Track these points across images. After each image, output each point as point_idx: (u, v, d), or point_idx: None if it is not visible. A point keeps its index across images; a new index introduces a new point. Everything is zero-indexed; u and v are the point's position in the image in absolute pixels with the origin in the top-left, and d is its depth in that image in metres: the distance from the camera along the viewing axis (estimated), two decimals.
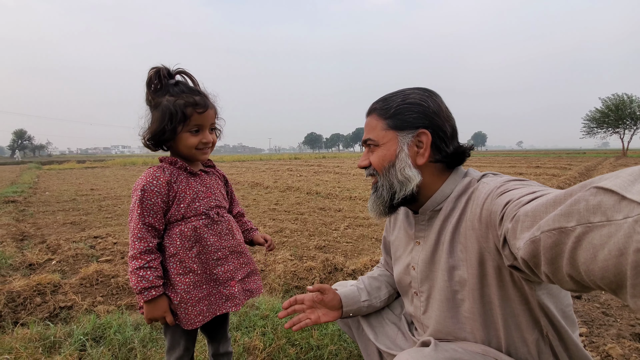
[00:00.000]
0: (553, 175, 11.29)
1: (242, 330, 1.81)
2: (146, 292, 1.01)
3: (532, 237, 0.53)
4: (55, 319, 2.12)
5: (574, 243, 0.46)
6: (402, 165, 0.89)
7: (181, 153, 1.10)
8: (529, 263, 0.56)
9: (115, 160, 32.17)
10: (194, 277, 1.08)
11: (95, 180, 12.27)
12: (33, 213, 5.81)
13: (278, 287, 2.52)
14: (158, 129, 1.04)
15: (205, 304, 1.10)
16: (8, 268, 2.97)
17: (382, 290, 1.19)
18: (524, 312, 0.80)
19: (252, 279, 1.23)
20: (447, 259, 0.87)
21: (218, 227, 1.14)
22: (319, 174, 12.85)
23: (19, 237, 4.18)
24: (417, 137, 0.88)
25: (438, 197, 0.91)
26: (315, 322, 1.10)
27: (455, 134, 0.92)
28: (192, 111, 1.04)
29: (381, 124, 0.92)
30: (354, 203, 6.33)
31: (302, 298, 1.12)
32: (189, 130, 1.06)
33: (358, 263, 2.87)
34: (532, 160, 22.83)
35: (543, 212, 0.53)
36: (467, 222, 0.82)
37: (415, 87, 0.94)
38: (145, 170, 1.08)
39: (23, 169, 20.16)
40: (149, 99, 1.07)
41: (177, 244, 1.07)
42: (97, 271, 2.70)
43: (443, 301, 0.89)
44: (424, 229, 0.95)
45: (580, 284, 0.49)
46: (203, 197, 1.12)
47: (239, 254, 1.19)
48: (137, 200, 1.02)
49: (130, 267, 1.01)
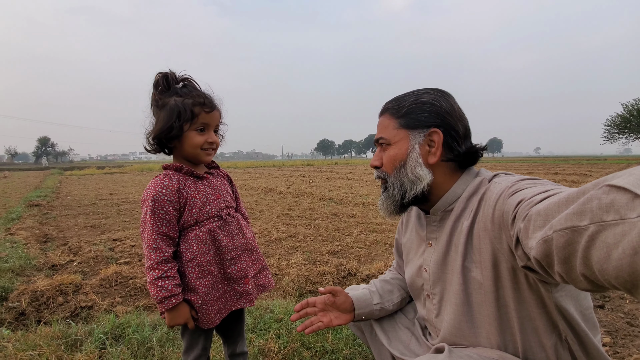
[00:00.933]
0: (573, 182, 10.96)
1: (257, 333, 1.83)
2: (166, 301, 1.01)
3: (545, 237, 0.52)
4: (77, 318, 2.19)
5: (587, 242, 0.45)
6: (414, 164, 0.89)
7: (186, 154, 1.10)
8: (542, 263, 0.55)
9: (132, 166, 33.04)
10: (212, 279, 1.10)
11: (114, 185, 12.64)
12: (56, 216, 6.03)
13: (292, 291, 2.53)
14: (165, 127, 1.04)
15: (222, 302, 1.12)
16: (32, 269, 3.08)
17: (394, 293, 1.17)
18: (541, 316, 0.78)
19: (264, 274, 1.25)
20: (461, 261, 0.85)
21: (229, 227, 1.15)
22: (332, 180, 12.86)
23: (42, 239, 4.34)
24: (429, 136, 0.88)
25: (449, 197, 0.90)
26: (328, 326, 1.09)
27: (468, 133, 0.92)
28: (200, 110, 1.06)
29: (393, 123, 0.92)
30: (366, 209, 6.30)
31: (314, 301, 1.12)
32: (196, 129, 1.07)
33: (372, 268, 2.86)
34: (551, 167, 22.21)
35: (555, 211, 0.53)
36: (480, 223, 0.80)
37: (428, 88, 0.94)
38: (152, 180, 1.08)
39: (46, 174, 20.95)
40: (156, 99, 1.08)
41: (194, 248, 1.08)
42: (116, 272, 2.78)
43: (458, 305, 0.87)
44: (436, 230, 0.94)
45: (595, 283, 0.48)
46: (213, 199, 1.13)
47: (250, 251, 1.20)
48: (148, 211, 1.02)
49: (148, 278, 1.02)
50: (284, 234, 4.36)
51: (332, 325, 1.10)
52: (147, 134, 1.08)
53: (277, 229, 4.67)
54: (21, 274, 2.89)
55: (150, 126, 1.09)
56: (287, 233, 4.40)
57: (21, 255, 3.29)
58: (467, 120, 0.93)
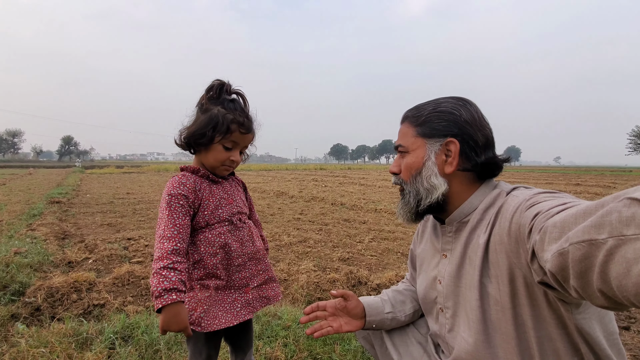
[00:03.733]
0: (595, 194, 10.55)
1: (264, 340, 1.81)
2: (165, 294, 0.90)
3: (560, 249, 0.51)
4: (89, 315, 2.22)
5: (605, 256, 0.44)
6: (429, 173, 0.88)
7: (206, 162, 1.13)
8: (557, 277, 0.54)
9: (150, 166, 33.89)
10: (216, 281, 1.09)
11: (131, 184, 12.96)
12: (75, 214, 6.21)
13: (300, 298, 2.50)
14: (198, 132, 1.07)
15: (222, 310, 1.10)
16: (50, 264, 3.17)
17: (407, 304, 1.14)
18: (562, 337, 0.74)
19: (270, 286, 1.22)
20: (478, 276, 0.82)
21: (240, 233, 1.15)
22: (344, 185, 12.81)
23: (61, 235, 4.47)
24: (446, 145, 0.87)
25: (466, 207, 0.89)
26: (337, 331, 1.07)
27: (489, 143, 0.89)
28: (236, 128, 1.09)
29: (412, 131, 0.93)
30: (379, 215, 6.23)
31: (324, 305, 1.10)
32: (224, 144, 1.09)
33: (383, 277, 2.80)
34: (572, 177, 21.48)
35: (572, 223, 0.51)
36: (496, 237, 0.78)
37: (449, 96, 0.93)
38: (172, 179, 1.10)
39: (68, 172, 21.70)
40: (203, 102, 1.11)
41: (201, 250, 1.08)
42: (128, 272, 2.82)
43: (474, 321, 0.84)
44: (451, 242, 0.93)
45: (612, 299, 0.46)
46: (225, 204, 1.14)
47: (257, 260, 1.19)
48: (164, 204, 1.04)
49: (153, 269, 0.94)
50: (295, 238, 4.35)
51: (341, 331, 1.07)
52: (181, 130, 1.12)
53: (288, 233, 4.67)
54: (39, 270, 2.97)
55: (188, 124, 1.13)
56: (297, 238, 4.38)
57: (40, 251, 3.39)
58: (489, 129, 0.90)
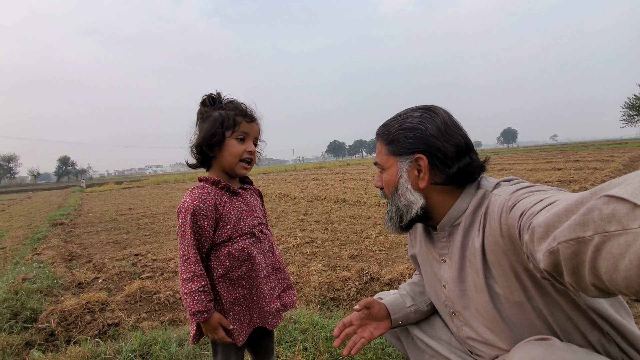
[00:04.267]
0: (595, 168, 10.55)
1: (283, 345, 1.80)
2: (199, 315, 1.03)
3: (550, 248, 0.53)
4: (104, 336, 2.21)
5: (593, 253, 0.46)
6: (404, 190, 0.91)
7: (224, 163, 1.12)
8: (553, 273, 0.56)
9: (149, 179, 33.80)
10: (242, 291, 1.10)
11: (132, 199, 12.93)
12: (79, 234, 6.19)
13: (314, 299, 2.49)
14: (209, 133, 1.08)
15: (250, 317, 1.12)
16: (60, 288, 3.15)
17: (425, 294, 1.16)
18: (578, 315, 0.78)
19: (287, 293, 1.24)
20: (484, 279, 0.84)
21: (262, 244, 1.15)
22: (345, 181, 12.79)
23: (67, 257, 4.45)
24: (415, 161, 0.88)
25: (454, 212, 0.90)
26: (370, 339, 1.08)
27: (461, 152, 0.87)
28: (242, 119, 1.11)
29: (384, 149, 0.96)
30: (383, 209, 6.22)
31: (349, 320, 1.11)
32: (236, 138, 1.10)
33: (394, 272, 2.79)
34: (570, 154, 21.46)
35: (557, 222, 0.53)
36: (489, 238, 0.81)
37: (415, 108, 0.93)
38: (189, 192, 1.10)
39: (68, 193, 21.64)
40: (202, 112, 1.13)
41: (226, 264, 1.08)
42: (140, 288, 2.81)
43: (492, 321, 0.85)
44: (447, 246, 0.94)
45: (606, 292, 0.49)
46: (247, 216, 1.14)
47: (278, 270, 1.21)
48: (188, 224, 1.04)
49: (185, 289, 1.03)
50: (302, 239, 4.34)
51: (374, 338, 1.09)
52: (191, 145, 1.14)
53: (295, 235, 4.66)
54: (49, 294, 2.95)
55: (194, 137, 1.14)
56: (304, 239, 4.37)
57: (48, 275, 3.37)
58: (461, 136, 0.88)
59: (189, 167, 1.17)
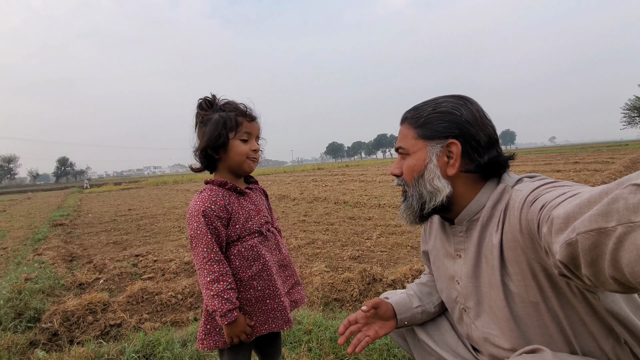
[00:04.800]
0: (595, 170, 10.58)
1: (288, 346, 1.80)
2: (229, 314, 1.03)
3: (568, 240, 0.51)
4: (107, 336, 2.21)
5: (615, 244, 0.44)
6: (431, 176, 0.86)
7: (231, 163, 1.12)
8: (569, 266, 0.54)
9: (148, 180, 33.74)
10: (254, 293, 1.11)
11: (131, 200, 12.91)
12: (79, 235, 6.17)
13: (317, 300, 2.49)
14: (213, 135, 1.08)
15: (271, 317, 1.13)
16: (61, 288, 3.15)
17: (433, 295, 1.14)
18: (594, 322, 0.75)
19: (296, 289, 1.25)
20: (499, 276, 0.82)
21: (269, 242, 1.16)
22: (344, 182, 12.80)
23: (68, 258, 4.44)
24: (447, 147, 0.85)
25: (474, 206, 0.87)
26: (375, 338, 1.07)
27: (492, 142, 0.87)
28: (243, 119, 1.12)
29: (412, 133, 0.90)
30: (383, 210, 6.22)
31: (354, 318, 1.09)
32: (240, 138, 1.11)
33: (397, 273, 2.79)
34: (569, 155, 21.53)
35: (577, 213, 0.51)
36: (508, 235, 0.78)
37: (449, 95, 0.91)
38: (198, 195, 1.10)
39: (67, 194, 21.60)
40: (201, 116, 1.13)
41: (236, 264, 1.09)
42: (141, 289, 2.80)
43: (504, 320, 0.84)
44: (463, 241, 0.92)
45: (626, 285, 0.47)
46: (254, 215, 1.15)
47: (285, 267, 1.21)
48: (202, 225, 1.04)
49: (212, 291, 1.02)
50: (303, 240, 4.34)
51: (379, 337, 1.07)
52: (195, 149, 1.14)
53: (295, 236, 4.66)
54: (51, 294, 2.94)
55: (197, 143, 1.14)
56: (305, 240, 4.37)
57: (50, 276, 3.36)
58: (492, 127, 0.88)
59: (193, 172, 1.17)
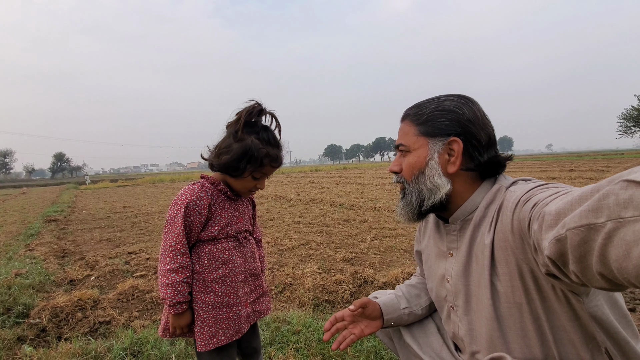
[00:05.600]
0: (590, 178, 10.66)
1: (276, 346, 1.80)
2: (178, 305, 1.05)
3: (557, 236, 0.51)
4: (95, 333, 2.20)
5: (604, 240, 0.44)
6: (432, 172, 0.87)
7: (233, 185, 1.14)
8: (557, 262, 0.54)
9: (144, 178, 33.59)
10: (214, 298, 1.10)
11: (127, 198, 12.85)
12: (72, 231, 6.14)
13: (308, 302, 2.50)
14: (233, 164, 1.06)
15: (222, 327, 1.11)
16: (52, 284, 3.13)
17: (422, 297, 1.15)
18: (575, 328, 0.75)
19: (262, 300, 1.26)
20: (488, 276, 0.83)
21: (244, 249, 1.18)
22: (341, 185, 12.81)
23: (60, 254, 4.41)
24: (449, 144, 0.86)
25: (469, 205, 0.88)
26: (360, 336, 1.07)
27: (491, 142, 0.89)
28: (268, 162, 1.10)
29: (413, 129, 0.91)
30: (378, 213, 6.24)
31: (341, 315, 1.09)
32: (254, 176, 1.10)
33: (388, 275, 2.80)
34: (565, 163, 21.68)
35: (568, 209, 0.51)
36: (500, 234, 0.79)
37: (451, 94, 0.92)
38: (188, 187, 1.11)
39: (62, 189, 21.46)
40: (237, 129, 1.07)
41: (204, 262, 1.10)
42: (132, 286, 2.79)
43: (488, 319, 0.84)
44: (456, 240, 0.92)
45: (612, 281, 0.47)
46: (235, 221, 1.16)
47: (256, 276, 1.23)
48: (179, 215, 1.05)
49: (167, 280, 1.04)
50: (297, 242, 4.34)
51: (364, 335, 1.08)
52: (215, 150, 1.11)
53: (290, 237, 4.66)
54: (41, 290, 2.93)
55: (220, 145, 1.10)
56: (299, 241, 4.37)
57: (40, 271, 3.34)
58: (491, 128, 0.90)
59: (203, 159, 1.15)
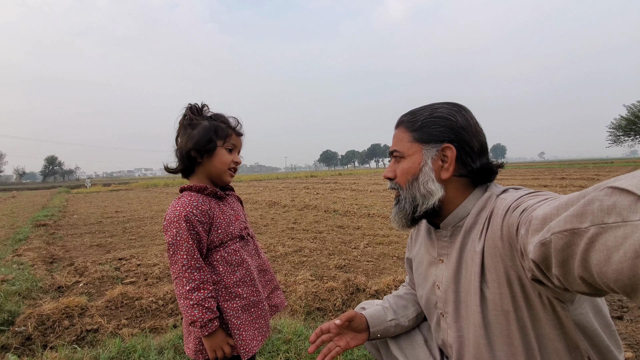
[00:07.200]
0: (580, 186, 10.81)
1: (265, 356, 1.78)
2: (210, 324, 1.00)
3: (542, 240, 0.52)
4: (82, 342, 2.15)
5: (586, 244, 0.45)
6: (426, 178, 0.89)
7: (212, 170, 1.13)
8: (541, 266, 0.55)
9: (138, 182, 33.26)
10: (240, 302, 1.08)
11: (119, 202, 12.71)
12: (62, 236, 6.03)
13: (299, 309, 2.48)
14: (204, 139, 1.09)
15: (257, 328, 1.11)
16: (39, 291, 3.07)
17: (409, 308, 1.15)
18: (559, 337, 0.76)
19: (276, 294, 1.25)
20: (478, 282, 0.83)
21: (249, 247, 1.17)
22: (336, 191, 12.82)
23: (49, 260, 4.33)
24: (442, 151, 0.88)
25: (460, 212, 0.90)
26: (345, 349, 1.07)
27: (483, 149, 0.91)
28: (232, 132, 1.15)
29: (407, 136, 0.92)
30: (372, 220, 6.24)
31: (327, 327, 1.09)
32: (226, 148, 1.14)
33: (380, 283, 2.80)
34: (557, 171, 21.99)
35: (554, 214, 0.52)
36: (490, 241, 0.80)
37: (444, 102, 0.94)
38: (176, 201, 1.07)
39: (53, 193, 21.15)
40: (190, 119, 1.13)
41: (220, 270, 1.07)
42: (121, 293, 2.75)
43: (476, 326, 0.85)
44: (447, 246, 0.93)
45: (593, 286, 0.48)
46: (234, 220, 1.15)
47: (265, 271, 1.22)
48: (183, 231, 1.01)
49: (191, 301, 0.98)
50: (290, 248, 4.32)
51: (350, 347, 1.08)
52: (178, 149, 1.13)
53: (283, 243, 4.64)
54: (28, 297, 2.87)
55: (181, 144, 1.13)
56: (293, 247, 4.36)
57: (28, 277, 3.28)
58: (484, 135, 0.92)
59: (167, 172, 1.16)
